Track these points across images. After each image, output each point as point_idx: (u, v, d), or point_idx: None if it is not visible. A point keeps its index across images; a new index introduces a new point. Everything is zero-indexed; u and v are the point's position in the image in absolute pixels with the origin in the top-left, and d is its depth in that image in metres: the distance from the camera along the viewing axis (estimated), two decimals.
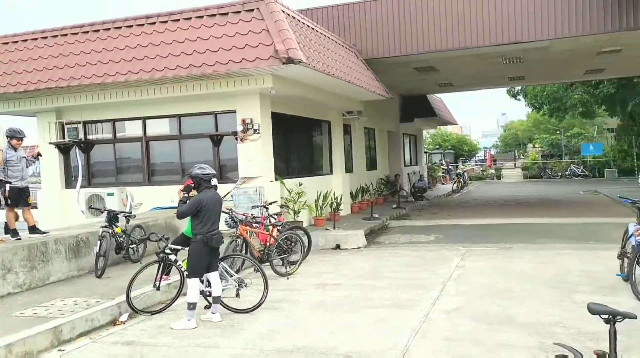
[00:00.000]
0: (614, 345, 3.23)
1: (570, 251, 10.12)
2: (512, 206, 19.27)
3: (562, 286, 7.52)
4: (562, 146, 48.23)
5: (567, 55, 16.65)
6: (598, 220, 14.10)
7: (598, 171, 35.41)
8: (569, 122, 46.49)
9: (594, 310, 3.33)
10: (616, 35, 13.82)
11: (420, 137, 30.58)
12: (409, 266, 9.39)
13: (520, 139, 71.64)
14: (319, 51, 12.19)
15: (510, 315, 6.29)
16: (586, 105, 31.43)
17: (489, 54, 15.96)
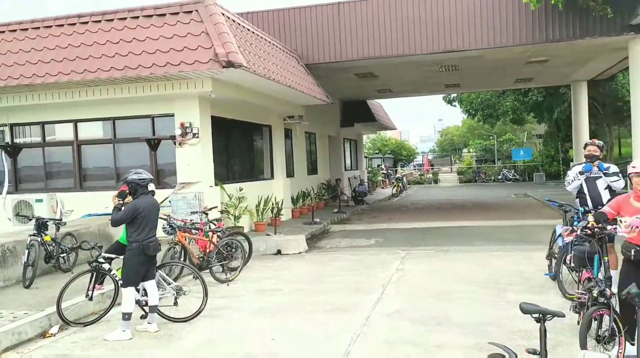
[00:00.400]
0: (544, 342, 3.36)
1: (503, 252, 10.51)
2: (448, 210, 19.84)
3: (496, 287, 7.79)
4: (495, 151, 50.22)
5: (499, 64, 17.37)
6: (529, 222, 14.74)
7: (528, 175, 37.08)
8: (501, 128, 48.50)
9: (526, 310, 3.46)
10: (543, 46, 14.55)
11: (361, 142, 31.02)
12: (350, 270, 9.46)
13: (456, 144, 74.02)
14: (260, 55, 12.13)
15: (448, 316, 6.45)
16: (516, 112, 32.85)
17: (426, 62, 16.41)
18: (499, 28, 13.96)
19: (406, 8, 14.54)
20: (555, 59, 16.97)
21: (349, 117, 25.24)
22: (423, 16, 14.43)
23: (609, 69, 19.69)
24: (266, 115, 15.45)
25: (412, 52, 14.65)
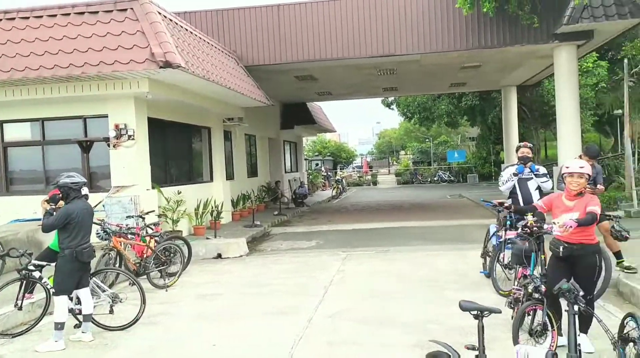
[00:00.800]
0: (482, 338, 3.48)
1: (441, 252, 10.80)
2: (387, 211, 20.20)
3: (435, 285, 8.00)
4: (430, 153, 51.61)
5: (435, 68, 17.88)
6: (464, 222, 15.23)
7: (462, 177, 38.35)
8: (437, 131, 49.90)
9: (464, 307, 3.56)
10: (476, 52, 15.10)
11: (301, 144, 31.08)
12: (292, 273, 9.44)
13: (394, 146, 75.57)
14: (198, 55, 11.91)
15: (389, 316, 6.55)
16: (451, 115, 33.89)
17: (365, 65, 16.65)
18: (434, 34, 14.37)
19: (345, 12, 14.71)
20: (487, 64, 17.66)
21: (289, 119, 25.23)
22: (362, 20, 14.64)
23: (536, 75, 20.68)
24: (205, 117, 15.19)
25: (352, 55, 14.83)
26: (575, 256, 4.99)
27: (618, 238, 7.31)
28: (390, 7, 14.52)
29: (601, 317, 4.65)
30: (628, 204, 13.57)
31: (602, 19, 12.82)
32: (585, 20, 12.85)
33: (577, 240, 4.92)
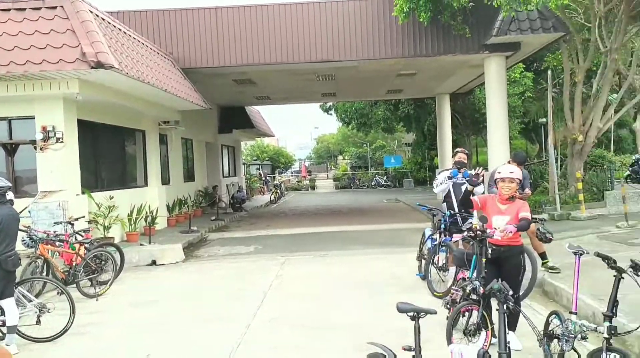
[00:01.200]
0: (418, 339, 3.56)
1: (378, 255, 10.98)
2: (326, 215, 20.34)
3: (373, 288, 8.11)
4: (368, 158, 52.46)
5: (372, 75, 18.21)
6: (400, 226, 15.56)
7: (398, 181, 39.21)
8: (374, 136, 50.75)
9: (401, 309, 3.64)
10: (412, 60, 15.52)
11: (239, 148, 30.79)
12: (230, 279, 9.31)
13: (332, 151, 76.20)
14: (132, 56, 11.56)
15: (328, 319, 6.59)
16: (388, 121, 34.63)
17: (304, 71, 16.73)
18: (372, 41, 14.64)
19: (285, 17, 14.74)
20: (422, 72, 18.18)
21: (227, 123, 24.94)
22: (301, 26, 14.72)
23: (468, 83, 21.50)
24: (139, 119, 14.76)
25: (290, 60, 14.86)
26: (503, 257, 5.23)
27: (543, 240, 7.66)
28: (329, 14, 14.69)
29: (528, 315, 4.87)
30: (552, 207, 14.31)
31: (528, 31, 13.51)
32: (513, 32, 13.50)
33: (504, 242, 5.16)
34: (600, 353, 3.84)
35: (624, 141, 32.41)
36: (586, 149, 15.28)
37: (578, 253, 4.86)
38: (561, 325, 4.74)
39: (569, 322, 4.64)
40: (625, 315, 5.14)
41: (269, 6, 14.81)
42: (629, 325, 4.84)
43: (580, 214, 13.41)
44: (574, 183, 14.65)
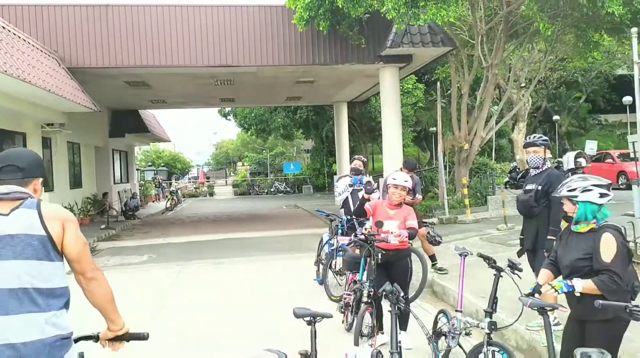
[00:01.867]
0: (314, 343, 3.58)
1: (277, 261, 10.98)
2: (224, 222, 20.01)
3: (271, 294, 8.08)
4: (267, 164, 52.44)
5: (272, 81, 18.24)
6: (299, 232, 15.68)
7: (297, 188, 39.56)
8: (273, 142, 50.91)
9: (298, 314, 3.65)
10: (310, 68, 15.75)
11: (132, 153, 29.47)
12: (119, 290, 8.83)
13: (231, 157, 75.34)
14: (12, 53, 10.67)
15: (226, 326, 6.46)
16: (287, 128, 34.87)
17: (201, 75, 16.37)
18: (271, 48, 14.65)
19: (181, 19, 14.33)
20: (321, 80, 18.51)
21: (119, 127, 23.77)
22: (198, 29, 14.39)
23: (364, 92, 22.21)
24: (19, 121, 13.63)
25: (187, 64, 14.47)
26: (391, 261, 5.45)
27: (433, 243, 8.09)
28: (228, 18, 14.51)
29: (418, 315, 5.09)
30: (441, 212, 15.15)
31: (419, 45, 14.23)
32: (405, 45, 14.15)
33: (393, 246, 5.37)
34: (482, 347, 4.10)
35: (504, 149, 35.09)
36: (471, 157, 16.36)
37: (463, 254, 5.17)
38: (448, 323, 5.01)
39: (455, 320, 4.91)
40: (504, 311, 5.53)
41: (165, 7, 14.33)
42: (507, 319, 5.22)
43: (466, 218, 14.31)
44: (460, 188, 15.63)
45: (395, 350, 3.18)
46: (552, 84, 31.83)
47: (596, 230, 3.38)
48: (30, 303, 2.35)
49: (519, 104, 19.36)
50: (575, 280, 3.24)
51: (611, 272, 3.20)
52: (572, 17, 13.23)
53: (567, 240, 3.57)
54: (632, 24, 11.61)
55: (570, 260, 3.43)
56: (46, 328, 2.36)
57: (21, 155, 2.66)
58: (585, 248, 3.37)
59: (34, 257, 2.38)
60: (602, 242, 3.30)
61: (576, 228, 3.46)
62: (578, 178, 3.57)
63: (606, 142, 35.37)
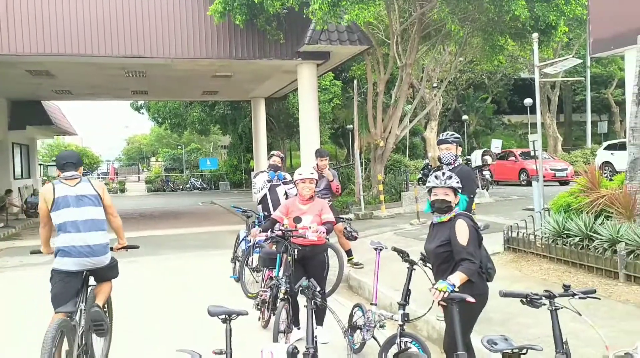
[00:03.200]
0: (229, 341, 3.51)
1: (193, 258, 10.72)
2: (136, 220, 19.24)
3: (186, 293, 7.87)
4: (183, 160, 51.08)
5: (187, 74, 17.73)
6: (216, 228, 15.39)
7: (214, 184, 38.86)
8: (189, 138, 49.64)
9: (212, 312, 3.56)
10: (227, 62, 15.46)
11: (34, 147, 27.62)
12: (20, 294, 8.26)
13: (144, 153, 72.65)
14: None
15: (140, 327, 6.20)
16: (203, 123, 34.12)
17: (110, 65, 15.59)
18: (186, 40, 14.21)
19: (88, 4, 13.51)
20: (238, 75, 18.24)
21: (19, 118, 22.16)
22: (107, 16, 13.64)
23: (282, 88, 22.16)
24: None
25: (94, 53, 13.67)
26: (308, 256, 5.46)
27: (349, 238, 8.20)
28: (139, 5, 13.86)
29: (334, 309, 5.13)
30: (357, 207, 15.44)
31: (336, 42, 14.38)
32: (323, 42, 14.24)
33: (309, 242, 5.38)
34: (395, 339, 4.20)
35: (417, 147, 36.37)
36: (386, 154, 16.78)
37: (378, 248, 5.27)
38: (363, 316, 5.09)
39: (370, 313, 5.01)
40: (416, 303, 5.70)
41: None
42: (419, 311, 5.39)
43: (381, 213, 14.68)
44: (376, 184, 16.01)
45: (311, 345, 3.18)
46: (462, 85, 33.43)
47: (453, 219, 3.73)
48: (94, 226, 4.72)
49: (431, 103, 20.11)
50: (451, 277, 3.49)
51: (469, 254, 3.55)
52: (480, 22, 13.92)
53: (432, 231, 3.92)
54: (534, 30, 12.42)
55: (433, 248, 3.79)
56: (101, 238, 4.77)
57: (72, 155, 5.05)
58: (443, 235, 3.73)
59: (93, 204, 4.77)
60: (457, 228, 3.66)
61: (440, 219, 3.80)
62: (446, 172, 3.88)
63: (509, 141, 37.67)
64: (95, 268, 4.75)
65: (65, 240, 4.63)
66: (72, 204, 4.68)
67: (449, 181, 3.78)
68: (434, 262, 3.88)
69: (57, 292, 4.58)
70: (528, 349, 2.78)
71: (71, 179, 4.80)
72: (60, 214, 4.66)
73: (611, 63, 31.55)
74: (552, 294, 2.99)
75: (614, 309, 5.53)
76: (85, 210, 4.71)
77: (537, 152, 9.77)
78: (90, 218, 4.71)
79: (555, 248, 7.55)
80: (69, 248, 4.60)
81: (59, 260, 4.62)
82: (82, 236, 4.64)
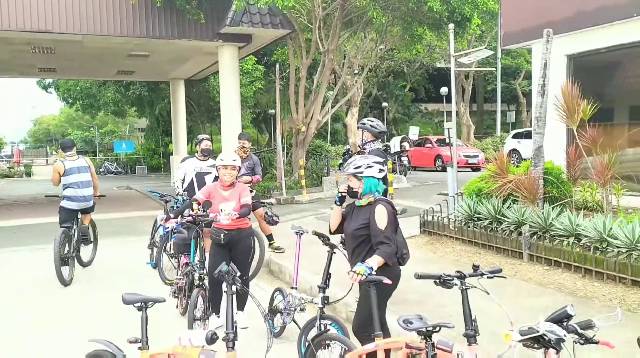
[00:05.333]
0: (145, 329, 3.40)
1: (108, 246, 10.25)
2: (44, 205, 18.08)
3: (101, 281, 7.56)
4: (96, 143, 48.72)
5: (100, 52, 16.84)
6: (132, 214, 14.84)
7: (130, 168, 37.41)
8: (103, 119, 47.40)
9: (127, 300, 3.44)
10: (144, 41, 14.82)
11: None
12: None
13: (53, 134, 68.55)
14: None
15: (49, 318, 5.88)
16: (118, 104, 32.65)
17: (14, 40, 14.49)
18: (99, 15, 13.45)
19: None
20: (156, 55, 17.56)
21: None
22: None
23: (203, 70, 21.60)
24: None
25: None
26: (234, 241, 5.39)
27: (270, 223, 8.19)
28: None
29: (255, 294, 5.11)
30: (279, 192, 15.45)
31: (258, 25, 14.18)
32: (245, 24, 14.00)
33: (234, 226, 5.32)
34: (315, 321, 4.25)
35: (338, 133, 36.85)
36: (308, 139, 16.87)
37: (299, 233, 5.31)
38: (283, 300, 5.12)
39: (290, 296, 5.04)
40: (336, 285, 5.80)
41: None
42: (339, 293, 5.48)
43: (302, 198, 14.78)
44: (297, 169, 16.07)
45: (230, 330, 3.14)
46: (382, 73, 34.15)
47: (373, 203, 3.84)
48: (87, 184, 8.05)
49: (353, 89, 20.43)
50: (369, 261, 3.58)
51: (386, 238, 3.68)
52: (400, 11, 14.24)
53: (351, 214, 4.00)
54: (450, 21, 12.87)
55: (351, 230, 3.89)
56: (90, 191, 8.14)
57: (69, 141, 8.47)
58: (363, 218, 3.83)
59: (86, 172, 8.06)
60: (377, 212, 3.77)
61: (359, 203, 3.90)
62: (360, 157, 3.99)
63: (426, 128, 39.05)
64: (85, 208, 8.17)
65: (70, 192, 7.98)
66: (75, 172, 8.01)
67: (347, 168, 3.92)
68: (350, 244, 3.96)
69: (63, 219, 7.99)
70: (441, 327, 2.90)
71: (71, 156, 8.14)
72: (69, 178, 7.98)
73: (520, 56, 33.41)
74: (463, 274, 3.13)
75: (518, 287, 5.90)
76: (82, 176, 8.07)
77: (451, 139, 10.20)
78: (85, 180, 8.08)
79: (467, 231, 7.94)
80: (73, 197, 7.99)
81: (66, 202, 8.00)
82: (81, 190, 8.02)
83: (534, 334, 2.41)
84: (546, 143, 7.50)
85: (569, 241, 6.31)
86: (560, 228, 6.48)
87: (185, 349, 3.17)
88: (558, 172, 7.71)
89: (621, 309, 2.76)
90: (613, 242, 5.79)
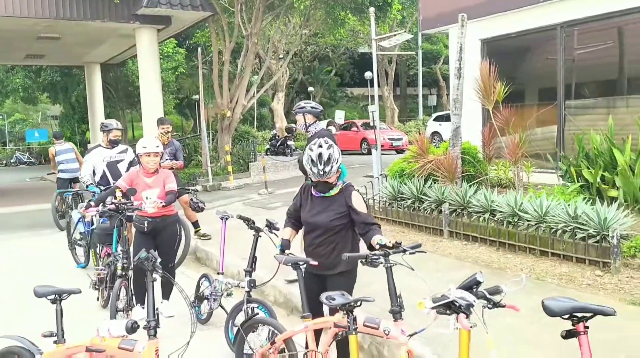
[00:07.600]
0: (60, 322, 3.27)
1: (22, 239, 9.75)
2: None
3: (17, 277, 7.15)
4: (6, 132, 45.65)
5: (6, 35, 15.70)
6: (47, 206, 13.98)
7: (44, 158, 35.35)
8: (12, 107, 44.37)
9: (40, 293, 3.29)
10: (54, 22, 13.95)
11: None
12: None
13: None
14: None
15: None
16: (28, 90, 30.63)
17: None
18: None
19: None
20: (68, 37, 16.57)
21: None
22: None
23: (120, 54, 20.67)
24: None
25: None
26: (159, 228, 5.25)
27: (196, 209, 8.02)
28: None
29: (181, 282, 5.01)
30: (205, 179, 15.17)
31: (178, 7, 13.74)
32: (163, 5, 13.51)
33: (159, 213, 5.17)
34: (242, 305, 4.23)
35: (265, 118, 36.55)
36: (233, 125, 16.64)
37: (224, 218, 5.24)
38: (210, 286, 5.06)
39: (217, 282, 4.99)
40: (263, 268, 5.79)
41: None
42: (265, 277, 5.48)
43: (229, 184, 14.60)
44: (223, 155, 15.83)
45: (152, 319, 3.06)
46: (307, 58, 34.14)
47: (343, 190, 3.66)
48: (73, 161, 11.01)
49: (278, 74, 20.30)
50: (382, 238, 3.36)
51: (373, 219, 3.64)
52: None
53: (311, 204, 3.72)
54: (371, 5, 13.04)
55: (325, 221, 3.63)
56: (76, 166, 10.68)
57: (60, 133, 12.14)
58: (338, 208, 3.62)
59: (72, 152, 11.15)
60: (355, 199, 3.64)
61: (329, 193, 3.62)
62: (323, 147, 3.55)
63: (352, 113, 39.55)
64: (73, 177, 10.72)
65: (63, 167, 10.83)
66: (64, 153, 10.88)
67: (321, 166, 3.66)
68: (319, 233, 3.67)
69: (59, 185, 10.79)
70: (362, 301, 2.97)
71: (61, 143, 11.09)
72: (60, 157, 10.85)
73: (439, 41, 34.46)
74: (387, 252, 3.20)
75: (439, 263, 6.15)
76: (70, 154, 10.90)
77: (375, 122, 10.40)
78: (72, 158, 10.86)
79: (392, 211, 8.15)
80: (65, 169, 10.84)
81: (61, 174, 10.85)
82: (70, 165, 10.80)
83: (445, 300, 2.51)
84: (464, 124, 7.81)
85: (485, 216, 6.63)
86: (477, 205, 6.79)
87: (104, 340, 3.07)
88: (475, 152, 8.06)
89: (525, 275, 2.92)
90: (524, 216, 6.14)
